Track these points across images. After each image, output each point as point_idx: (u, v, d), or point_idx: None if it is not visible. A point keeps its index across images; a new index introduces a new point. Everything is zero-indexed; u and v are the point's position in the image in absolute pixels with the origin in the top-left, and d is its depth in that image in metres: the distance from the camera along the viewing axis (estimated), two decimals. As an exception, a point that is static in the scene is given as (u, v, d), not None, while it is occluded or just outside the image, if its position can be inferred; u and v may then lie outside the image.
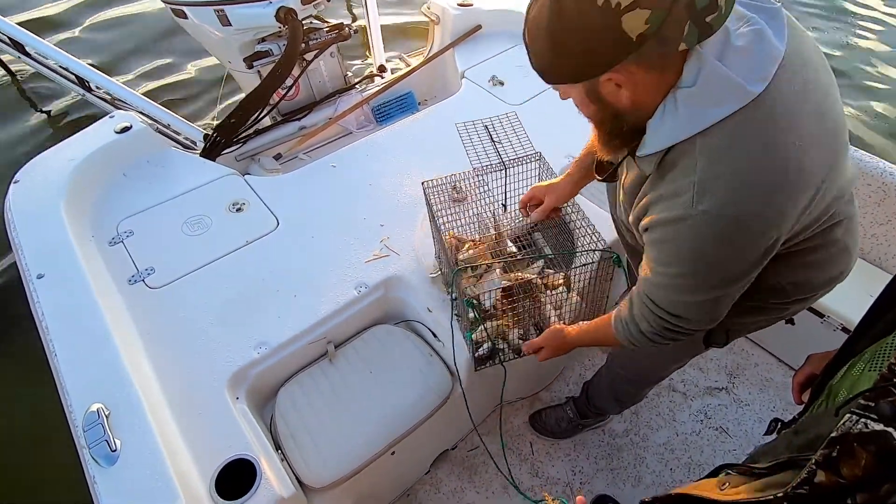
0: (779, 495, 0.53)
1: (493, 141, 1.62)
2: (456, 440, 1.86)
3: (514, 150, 1.58)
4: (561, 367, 2.06)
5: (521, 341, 1.32)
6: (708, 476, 0.79)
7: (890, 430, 0.44)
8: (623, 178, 0.96)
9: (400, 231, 1.72)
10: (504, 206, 1.56)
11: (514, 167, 1.53)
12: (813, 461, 0.49)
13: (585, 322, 1.16)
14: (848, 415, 0.47)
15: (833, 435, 0.47)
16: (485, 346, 1.32)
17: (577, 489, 1.73)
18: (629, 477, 1.78)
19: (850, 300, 1.75)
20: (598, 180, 1.08)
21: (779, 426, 1.03)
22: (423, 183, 1.47)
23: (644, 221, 0.83)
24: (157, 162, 1.96)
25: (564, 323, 1.30)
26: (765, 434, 1.13)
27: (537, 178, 1.54)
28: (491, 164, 1.51)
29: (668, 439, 1.87)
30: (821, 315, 1.81)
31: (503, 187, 1.55)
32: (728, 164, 0.72)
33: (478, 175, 1.49)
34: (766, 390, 2.01)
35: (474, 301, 1.31)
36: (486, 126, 1.65)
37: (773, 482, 0.58)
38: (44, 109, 3.61)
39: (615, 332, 1.02)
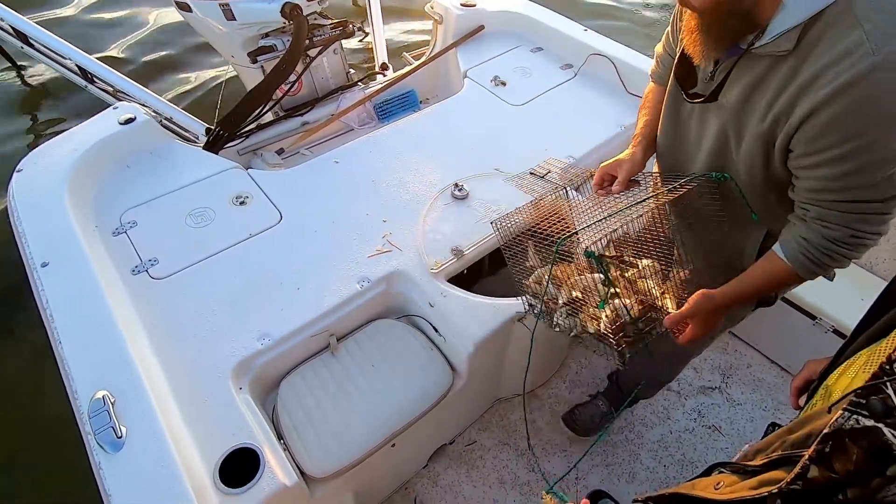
0: (773, 492, 0.54)
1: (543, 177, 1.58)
2: (454, 435, 1.88)
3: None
4: (557, 364, 2.09)
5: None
6: (701, 475, 0.81)
7: (880, 426, 0.46)
8: (728, 93, 0.90)
9: (402, 227, 1.73)
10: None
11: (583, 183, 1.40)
12: (806, 457, 0.50)
13: (737, 278, 0.99)
14: (841, 411, 0.48)
15: (826, 431, 0.49)
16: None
17: (573, 484, 1.76)
18: (623, 473, 1.81)
19: (841, 303, 1.80)
20: (687, 98, 0.99)
21: (775, 429, 1.05)
22: (492, 223, 1.34)
23: (801, 110, 0.77)
24: (161, 154, 1.96)
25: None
26: (763, 438, 1.14)
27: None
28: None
29: (663, 436, 1.90)
30: (813, 317, 1.85)
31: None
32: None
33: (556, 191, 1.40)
34: (759, 390, 2.05)
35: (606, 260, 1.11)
36: (531, 172, 1.60)
37: (767, 479, 0.59)
38: (46, 101, 3.60)
39: (793, 262, 0.91)
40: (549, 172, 1.72)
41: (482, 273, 1.94)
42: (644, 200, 1.12)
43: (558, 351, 2.04)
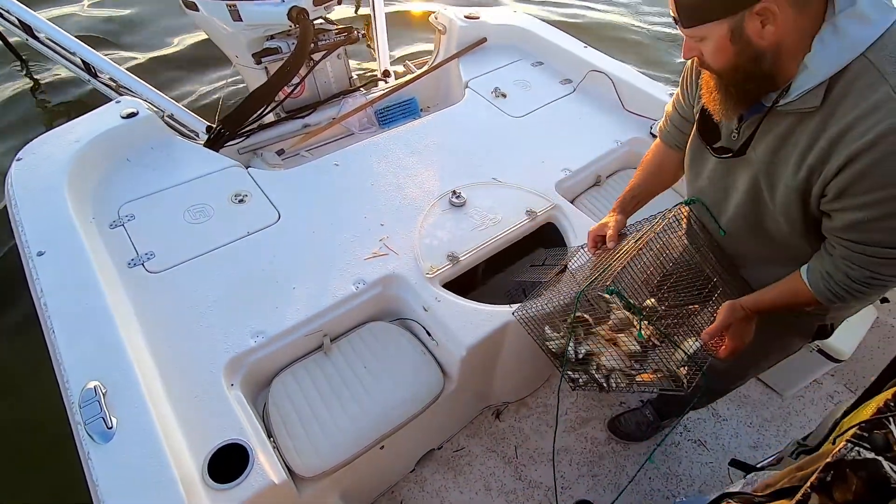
0: None
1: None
2: (442, 440, 1.88)
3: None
4: (547, 373, 2.10)
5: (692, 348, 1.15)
6: None
7: (880, 459, 0.48)
8: (756, 147, 0.93)
9: (399, 231, 1.75)
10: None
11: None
12: (808, 484, 0.52)
13: (762, 289, 1.06)
14: (844, 442, 0.51)
15: (828, 461, 0.51)
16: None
17: (560, 492, 1.76)
18: (609, 484, 1.82)
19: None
20: (713, 153, 1.03)
21: (798, 449, 1.06)
22: (513, 313, 1.38)
23: (836, 161, 0.80)
24: (161, 149, 1.97)
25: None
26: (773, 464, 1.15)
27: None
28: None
29: (649, 449, 1.92)
30: (799, 336, 1.88)
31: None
32: None
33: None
34: (744, 406, 2.07)
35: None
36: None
37: None
38: (49, 95, 3.60)
39: (814, 290, 0.96)
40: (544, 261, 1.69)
41: (477, 280, 1.95)
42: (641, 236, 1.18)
43: (546, 361, 2.05)
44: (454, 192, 1.88)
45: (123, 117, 1.93)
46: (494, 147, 2.13)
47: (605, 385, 1.20)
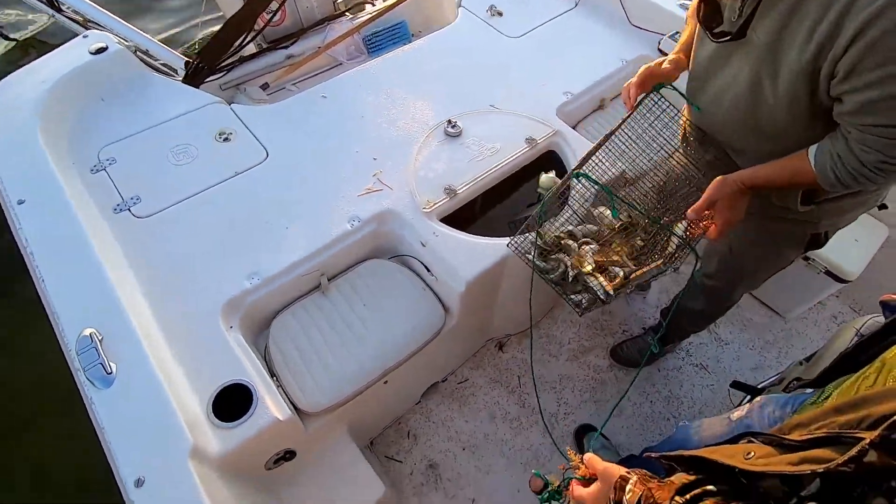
0: (819, 471, 0.52)
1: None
2: (446, 373, 1.91)
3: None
4: (550, 305, 2.10)
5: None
6: (726, 443, 0.78)
7: None
8: (758, 28, 0.87)
9: (394, 165, 1.68)
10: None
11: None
12: (868, 441, 0.48)
13: (754, 167, 1.01)
14: None
15: None
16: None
17: (563, 418, 1.81)
18: (611, 408, 1.86)
19: (834, 244, 1.78)
20: (712, 38, 0.96)
21: (793, 384, 1.03)
22: (508, 244, 1.30)
23: (846, 34, 0.75)
24: (138, 87, 1.86)
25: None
26: (779, 389, 1.13)
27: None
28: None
29: (650, 374, 1.95)
30: (805, 258, 1.85)
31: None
32: None
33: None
34: (747, 330, 2.08)
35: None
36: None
37: (811, 457, 0.56)
38: (8, 32, 3.38)
39: (819, 170, 0.91)
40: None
41: (475, 213, 1.90)
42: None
43: (551, 292, 2.04)
44: (449, 122, 1.78)
45: (92, 53, 1.80)
46: (491, 71, 2.00)
47: (606, 298, 1.18)
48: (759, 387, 1.27)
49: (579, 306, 1.21)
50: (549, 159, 1.82)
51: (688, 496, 0.63)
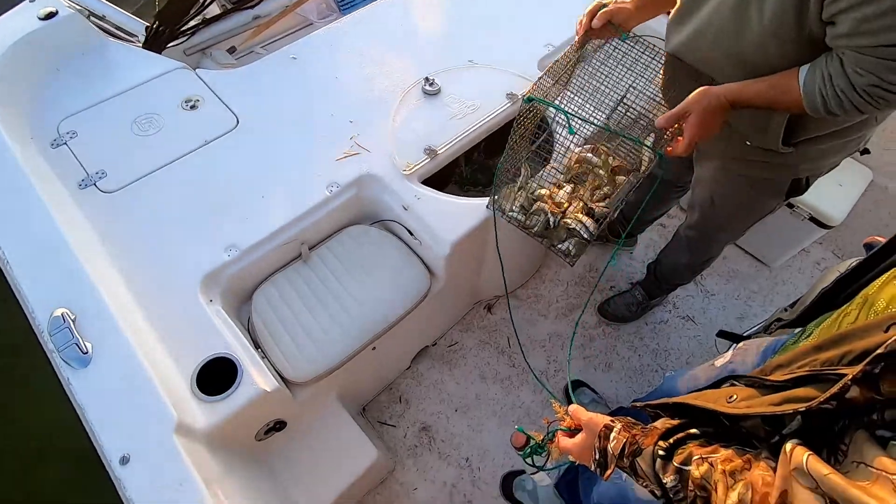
0: (801, 409, 0.51)
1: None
2: (435, 337, 1.91)
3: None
4: (537, 265, 2.09)
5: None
6: (711, 387, 0.77)
7: None
8: None
9: (371, 127, 1.62)
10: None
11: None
12: (850, 376, 0.47)
13: (742, 82, 0.95)
14: None
15: (880, 351, 0.45)
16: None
17: (553, 375, 1.82)
18: (600, 364, 1.88)
19: (818, 190, 1.78)
20: None
21: (774, 325, 1.03)
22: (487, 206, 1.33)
23: None
24: (95, 55, 1.75)
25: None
26: (762, 333, 1.14)
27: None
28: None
29: (638, 328, 1.96)
30: (790, 205, 1.84)
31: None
32: None
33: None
34: (732, 280, 2.09)
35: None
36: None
37: (793, 396, 0.56)
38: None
39: (806, 91, 0.87)
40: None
41: (458, 173, 1.86)
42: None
43: (537, 252, 2.03)
44: (427, 80, 1.71)
45: (41, 18, 1.68)
46: (468, 25, 1.91)
47: (590, 235, 1.19)
48: (744, 335, 1.28)
49: (568, 255, 1.20)
50: (542, 129, 1.77)
51: (671, 440, 0.64)
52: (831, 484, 0.43)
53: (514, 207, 1.31)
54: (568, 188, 1.27)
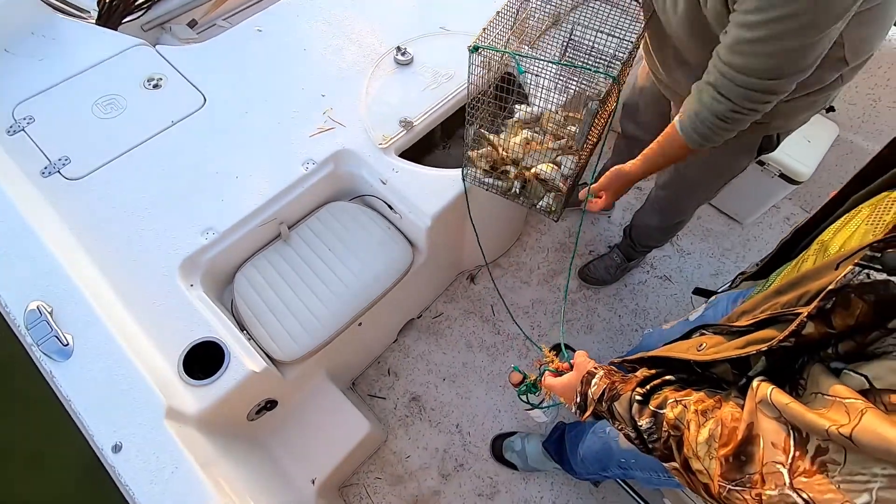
0: (763, 350, 0.54)
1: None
2: (420, 309, 1.92)
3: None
4: (517, 234, 2.10)
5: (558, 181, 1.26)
6: (682, 339, 0.82)
7: (893, 279, 0.43)
8: None
9: (344, 101, 1.58)
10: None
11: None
12: (805, 314, 0.49)
13: (643, 153, 1.12)
14: (851, 266, 0.46)
15: (831, 287, 0.47)
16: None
17: (536, 340, 1.87)
18: (582, 326, 1.93)
19: (787, 146, 1.82)
20: None
21: (738, 278, 1.07)
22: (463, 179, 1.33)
23: None
24: (46, 33, 1.66)
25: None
26: (729, 288, 1.19)
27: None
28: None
29: (617, 290, 2.01)
30: (760, 162, 1.88)
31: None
32: None
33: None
34: (707, 239, 2.15)
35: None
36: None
37: (755, 339, 0.59)
38: None
39: (684, 134, 1.00)
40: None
41: (435, 143, 1.84)
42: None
43: (516, 222, 2.04)
44: (399, 49, 1.67)
45: (-17, -5, 1.58)
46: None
47: (569, 186, 1.23)
48: (718, 291, 1.33)
49: (550, 212, 1.24)
50: (507, 82, 1.75)
51: (648, 386, 0.67)
52: (791, 412, 0.46)
53: (484, 172, 1.32)
54: (527, 133, 1.28)
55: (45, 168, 1.40)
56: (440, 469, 1.65)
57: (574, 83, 1.19)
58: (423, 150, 1.70)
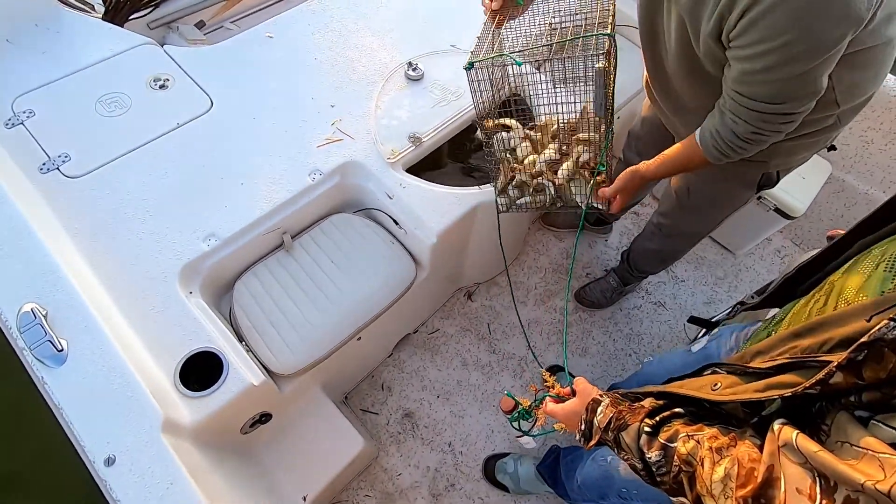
0: (787, 395, 0.54)
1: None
2: (417, 325, 1.91)
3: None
4: (516, 252, 2.11)
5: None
6: (691, 375, 0.81)
7: None
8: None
9: (353, 113, 1.58)
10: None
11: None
12: (835, 364, 0.49)
13: (660, 155, 1.14)
14: (887, 321, 0.46)
15: (864, 340, 0.47)
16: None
17: (531, 361, 1.87)
18: (577, 349, 1.94)
19: (783, 185, 1.87)
20: None
21: (737, 308, 1.09)
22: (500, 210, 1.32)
23: (738, 8, 0.81)
24: (50, 26, 1.62)
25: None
26: (727, 318, 1.20)
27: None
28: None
29: (612, 314, 2.03)
30: (758, 196, 1.92)
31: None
32: None
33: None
34: (700, 267, 2.18)
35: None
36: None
37: (776, 383, 0.58)
38: None
39: (704, 147, 1.02)
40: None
41: (442, 161, 1.84)
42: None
43: (517, 240, 2.05)
44: (410, 65, 1.68)
45: (-14, -16, 1.54)
46: (451, 5, 1.88)
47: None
48: (712, 320, 1.34)
49: (594, 208, 1.27)
50: (516, 103, 1.76)
51: (657, 418, 0.67)
52: (821, 460, 0.46)
53: (515, 194, 1.32)
54: (553, 147, 1.28)
55: (44, 164, 1.36)
56: (431, 488, 1.63)
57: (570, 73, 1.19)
58: (431, 166, 1.70)
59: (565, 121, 1.29)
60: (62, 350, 1.03)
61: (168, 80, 1.58)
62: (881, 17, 0.82)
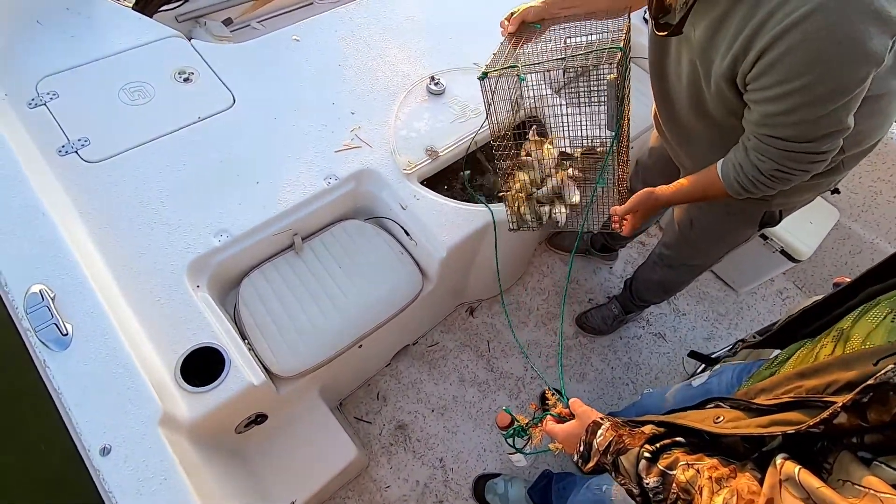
0: (790, 432, 0.54)
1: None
2: (417, 336, 1.90)
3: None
4: (520, 272, 2.11)
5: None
6: (693, 408, 0.81)
7: None
8: (696, 28, 0.92)
9: (373, 121, 1.59)
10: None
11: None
12: (840, 404, 0.50)
13: (678, 181, 1.13)
14: (892, 365, 0.48)
15: (870, 382, 0.48)
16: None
17: (528, 382, 1.86)
18: (575, 374, 1.93)
19: (790, 225, 1.88)
20: (655, 27, 1.00)
21: (739, 345, 1.09)
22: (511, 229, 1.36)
23: (755, 51, 0.80)
24: (80, 11, 1.64)
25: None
26: (728, 354, 1.20)
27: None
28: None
29: (612, 342, 2.02)
30: (763, 237, 1.94)
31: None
32: None
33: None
34: (702, 302, 2.19)
35: None
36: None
37: (780, 419, 0.59)
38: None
39: (725, 180, 1.01)
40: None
41: (455, 176, 1.85)
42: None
43: (522, 261, 2.06)
44: (432, 79, 1.70)
45: (23, -35, 1.56)
46: (476, 24, 1.90)
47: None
48: (712, 356, 1.35)
49: (605, 226, 1.28)
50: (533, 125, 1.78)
51: (658, 444, 0.67)
52: (823, 496, 0.46)
53: (527, 213, 1.33)
54: (565, 170, 1.32)
55: (63, 147, 1.37)
56: (419, 503, 1.61)
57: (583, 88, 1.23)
58: (446, 180, 1.71)
59: (580, 144, 1.31)
60: (67, 334, 1.02)
61: (193, 73, 1.59)
62: (889, 63, 0.81)
